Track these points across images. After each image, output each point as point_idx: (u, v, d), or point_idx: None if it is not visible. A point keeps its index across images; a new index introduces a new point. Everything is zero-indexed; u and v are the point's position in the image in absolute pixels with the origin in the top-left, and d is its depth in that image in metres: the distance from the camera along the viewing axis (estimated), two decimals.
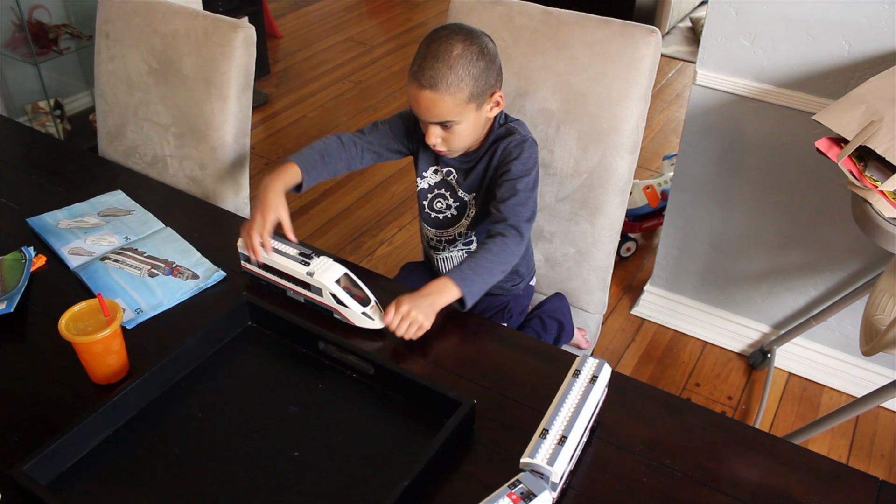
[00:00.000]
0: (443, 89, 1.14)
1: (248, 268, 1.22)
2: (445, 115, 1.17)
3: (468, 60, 1.15)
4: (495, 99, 1.23)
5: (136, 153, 1.64)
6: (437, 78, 1.14)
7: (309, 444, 0.96)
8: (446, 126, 1.20)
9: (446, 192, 1.36)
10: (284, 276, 1.17)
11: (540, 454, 0.85)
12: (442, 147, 1.24)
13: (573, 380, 0.95)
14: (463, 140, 1.24)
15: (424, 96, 1.16)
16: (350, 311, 1.12)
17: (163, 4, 1.54)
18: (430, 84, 1.14)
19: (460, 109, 1.18)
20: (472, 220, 1.36)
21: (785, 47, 1.68)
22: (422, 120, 1.21)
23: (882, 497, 0.90)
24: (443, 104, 1.16)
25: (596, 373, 0.96)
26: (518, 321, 1.44)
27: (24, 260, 1.24)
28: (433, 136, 1.22)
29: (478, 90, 1.18)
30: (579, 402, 0.92)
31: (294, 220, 1.25)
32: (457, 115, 1.18)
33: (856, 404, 1.53)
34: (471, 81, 1.16)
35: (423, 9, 4.62)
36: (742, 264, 2.04)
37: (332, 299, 1.12)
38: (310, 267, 1.13)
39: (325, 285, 1.11)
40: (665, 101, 3.55)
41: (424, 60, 1.15)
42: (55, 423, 0.97)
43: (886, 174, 1.26)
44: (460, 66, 1.14)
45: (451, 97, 1.15)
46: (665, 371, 2.10)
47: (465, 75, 1.15)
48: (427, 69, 1.15)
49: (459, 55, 1.14)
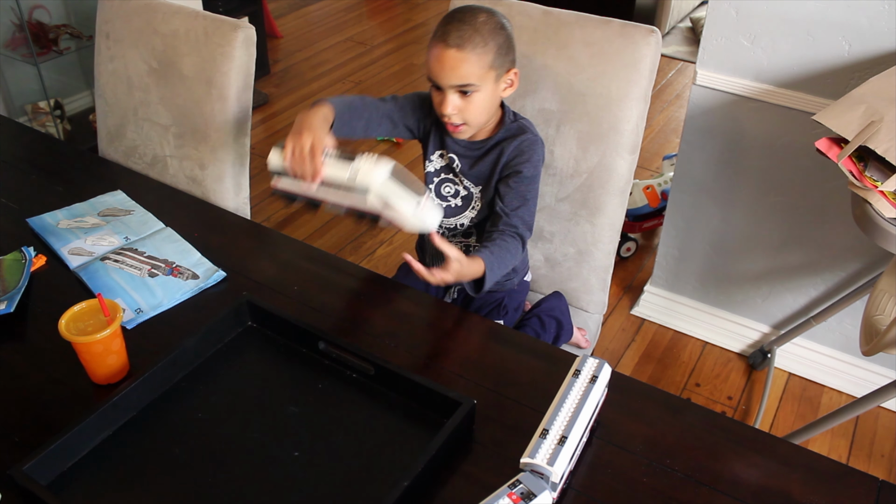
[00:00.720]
0: (468, 49, 1.16)
1: (281, 186, 1.14)
2: (468, 76, 1.17)
3: (492, 28, 1.18)
4: (510, 76, 1.24)
5: (136, 153, 1.64)
6: (464, 38, 1.15)
7: (309, 444, 0.96)
8: (465, 93, 1.19)
9: (453, 177, 1.35)
10: (323, 185, 1.08)
11: (540, 454, 0.85)
12: (457, 119, 1.22)
13: (573, 380, 0.95)
14: (478, 114, 1.22)
15: (449, 55, 1.16)
16: (401, 213, 1.04)
17: (163, 4, 1.54)
18: (456, 43, 1.15)
19: (482, 74, 1.18)
20: (476, 213, 1.36)
21: (785, 47, 1.68)
22: (441, 85, 1.19)
23: (882, 497, 0.90)
24: (467, 65, 1.16)
25: (596, 373, 0.96)
26: (514, 317, 1.44)
27: (24, 260, 1.24)
28: (450, 105, 1.20)
29: (499, 59, 1.19)
30: (579, 402, 0.92)
31: (294, 220, 1.25)
32: (479, 79, 1.18)
33: (856, 404, 1.53)
34: (494, 47, 1.18)
35: (423, 9, 4.62)
36: (742, 264, 2.04)
37: (380, 202, 1.03)
38: (353, 165, 1.04)
39: (373, 184, 1.02)
40: (665, 101, 3.55)
41: (450, 24, 1.17)
42: (55, 423, 0.97)
43: (886, 174, 1.26)
44: (486, 30, 1.17)
45: (476, 58, 1.16)
46: (665, 371, 2.10)
47: (489, 40, 1.17)
48: (453, 30, 1.16)
49: (484, 22, 1.17)
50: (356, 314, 1.17)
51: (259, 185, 2.87)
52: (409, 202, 1.04)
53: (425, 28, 4.35)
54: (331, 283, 1.25)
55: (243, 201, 1.59)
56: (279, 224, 2.65)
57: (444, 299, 1.47)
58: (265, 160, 1.15)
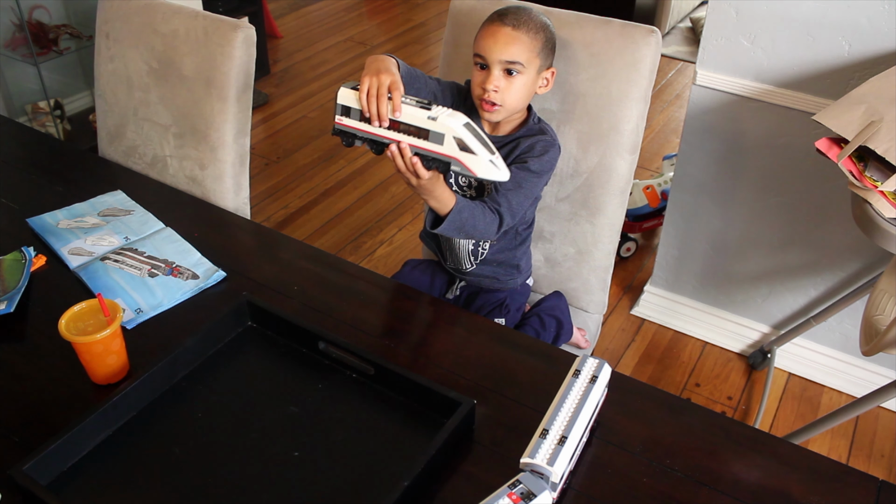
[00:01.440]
0: (524, 30, 1.20)
1: (344, 122, 1.14)
2: (518, 55, 1.20)
3: (543, 23, 1.24)
4: (548, 74, 1.27)
5: (136, 153, 1.64)
6: (520, 20, 1.21)
7: (309, 444, 0.96)
8: (510, 73, 1.21)
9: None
10: (393, 126, 1.08)
11: (540, 454, 0.85)
12: (495, 98, 1.22)
13: (573, 380, 0.95)
14: (516, 98, 1.24)
15: (504, 32, 1.20)
16: (476, 158, 1.04)
17: (163, 4, 1.54)
18: (513, 22, 1.20)
19: (530, 57, 1.21)
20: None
21: (785, 47, 1.68)
22: (489, 60, 1.21)
23: (882, 497, 0.90)
24: (520, 43, 1.20)
25: (596, 373, 0.96)
26: (515, 318, 1.44)
27: (24, 260, 1.24)
28: (493, 80, 1.21)
29: (545, 51, 1.24)
30: (579, 402, 0.92)
31: (294, 220, 1.25)
32: (527, 61, 1.21)
33: (856, 404, 1.53)
34: (544, 37, 1.23)
35: (423, 9, 4.62)
36: (742, 264, 2.04)
37: (456, 147, 1.04)
38: (431, 112, 1.06)
39: (452, 128, 1.04)
40: (665, 101, 3.55)
41: (507, 10, 1.22)
42: (55, 423, 0.97)
43: (886, 174, 1.26)
44: (539, 21, 1.23)
45: (529, 39, 1.20)
46: (665, 371, 2.10)
47: (541, 30, 1.23)
48: (511, 13, 1.21)
49: (538, 14, 1.24)
50: (356, 314, 1.17)
51: (259, 185, 2.87)
52: (484, 153, 1.05)
53: (425, 28, 4.35)
54: (331, 283, 1.25)
55: (243, 201, 1.59)
56: (279, 224, 2.66)
57: (447, 296, 1.47)
58: (265, 160, 1.15)
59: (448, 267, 1.45)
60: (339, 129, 1.15)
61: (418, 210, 2.75)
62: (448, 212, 1.17)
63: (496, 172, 1.07)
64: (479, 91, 1.24)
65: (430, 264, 1.51)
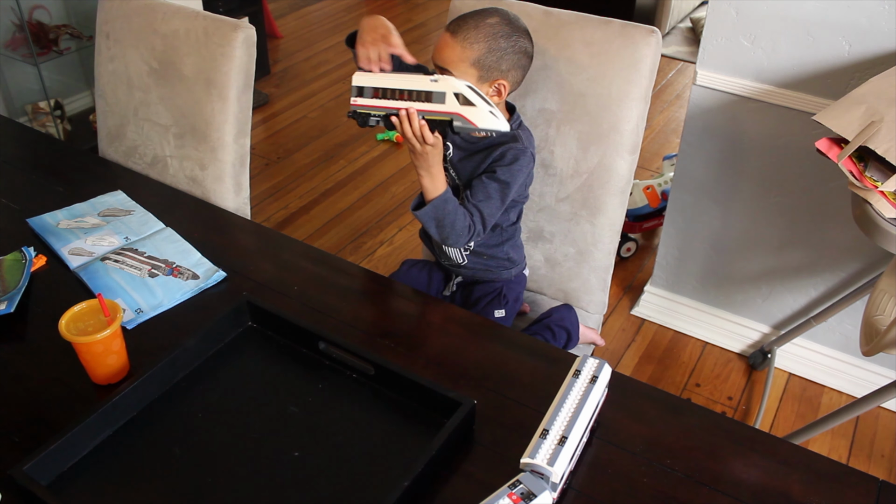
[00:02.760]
0: (460, 37, 1.20)
1: (359, 102, 1.22)
2: (446, 61, 1.21)
3: (494, 32, 1.21)
4: (496, 85, 1.24)
5: (136, 153, 1.64)
6: (460, 27, 1.20)
7: (309, 444, 0.96)
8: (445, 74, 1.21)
9: (447, 163, 1.35)
10: (400, 97, 1.18)
11: (540, 454, 0.85)
12: None
13: (573, 380, 0.95)
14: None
15: (443, 38, 1.22)
16: (476, 110, 1.14)
17: (163, 4, 1.54)
18: (452, 29, 1.21)
19: (462, 67, 1.21)
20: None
21: (785, 47, 1.68)
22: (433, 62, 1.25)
23: (882, 497, 0.90)
24: (450, 51, 1.21)
25: (596, 373, 0.96)
26: (514, 308, 1.44)
27: (24, 260, 1.24)
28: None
29: (486, 61, 1.21)
30: (579, 402, 0.92)
31: (294, 221, 1.25)
32: (455, 68, 1.21)
33: (856, 404, 1.53)
34: (484, 48, 1.20)
35: (424, 9, 4.62)
36: (742, 264, 2.04)
37: (456, 102, 1.14)
38: (433, 77, 1.17)
39: (452, 84, 1.14)
40: (665, 101, 3.55)
41: (461, 16, 1.23)
42: (55, 423, 0.97)
43: (886, 174, 1.26)
44: (485, 30, 1.20)
45: (460, 49, 1.20)
46: (665, 371, 2.10)
47: (482, 39, 1.20)
48: (459, 19, 1.22)
49: (491, 24, 1.21)
50: (356, 314, 1.17)
51: (259, 185, 2.87)
52: (484, 105, 1.15)
53: (425, 28, 4.35)
54: (331, 283, 1.25)
55: (243, 201, 1.59)
56: (279, 224, 2.66)
57: (444, 293, 1.47)
58: (265, 160, 1.17)
59: (443, 263, 1.45)
60: (353, 110, 1.24)
61: None
62: (435, 196, 1.20)
63: (496, 122, 1.16)
64: None
65: (427, 263, 1.51)
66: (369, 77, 1.21)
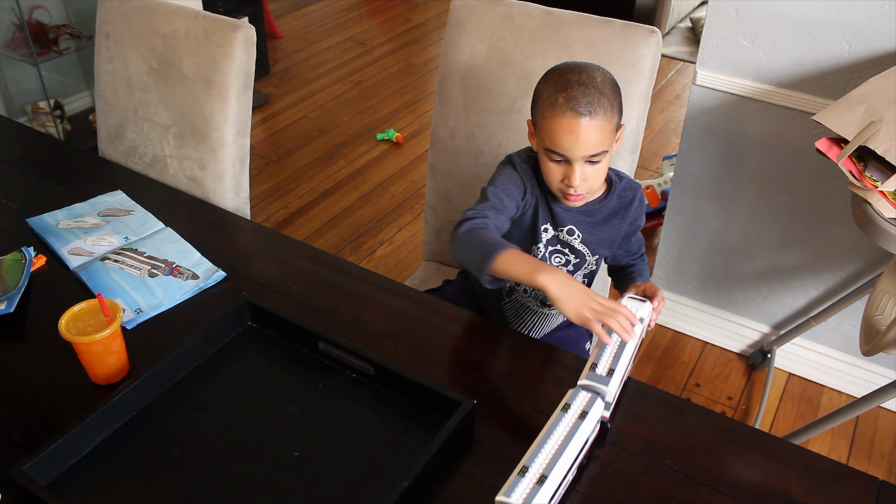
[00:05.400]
0: (601, 114, 1.06)
1: (588, 381, 0.98)
2: (601, 144, 1.08)
3: (612, 86, 1.09)
4: (621, 132, 1.15)
5: (136, 153, 1.64)
6: (594, 104, 1.05)
7: (309, 444, 0.96)
8: (593, 162, 1.10)
9: (564, 248, 1.26)
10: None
11: (516, 493, 0.81)
12: (583, 190, 1.13)
13: (561, 414, 0.90)
14: (601, 180, 1.16)
15: (583, 125, 1.05)
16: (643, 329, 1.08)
17: (163, 4, 1.54)
18: (589, 110, 1.05)
19: (611, 139, 1.10)
20: (591, 271, 1.31)
21: (785, 47, 1.68)
22: (572, 158, 1.09)
23: (882, 497, 0.90)
24: (601, 131, 1.07)
25: (587, 408, 0.91)
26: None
27: (24, 260, 1.24)
28: (579, 177, 1.10)
29: (619, 118, 1.11)
30: (565, 439, 0.87)
31: (294, 220, 1.25)
32: (609, 144, 1.10)
33: (856, 404, 1.53)
34: (618, 108, 1.10)
35: (423, 9, 4.62)
36: (742, 264, 2.04)
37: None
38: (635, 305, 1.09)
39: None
40: (665, 101, 3.55)
41: (573, 88, 1.06)
42: (55, 423, 0.97)
43: (886, 174, 1.26)
44: (608, 90, 1.08)
45: (607, 122, 1.07)
46: (665, 371, 2.10)
47: (613, 100, 1.08)
48: (582, 97, 1.05)
49: (603, 81, 1.08)
50: (356, 314, 1.17)
51: (259, 185, 2.87)
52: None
53: (425, 28, 4.35)
54: (331, 283, 1.25)
55: (243, 201, 1.59)
56: (279, 224, 2.66)
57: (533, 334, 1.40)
58: (265, 160, 1.16)
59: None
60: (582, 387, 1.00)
61: (419, 210, 2.75)
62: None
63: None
64: (560, 185, 1.14)
65: (469, 292, 1.44)
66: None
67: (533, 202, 1.21)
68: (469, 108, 1.48)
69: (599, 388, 0.94)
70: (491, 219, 1.13)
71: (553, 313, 1.35)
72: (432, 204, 1.61)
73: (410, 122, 3.34)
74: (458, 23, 1.45)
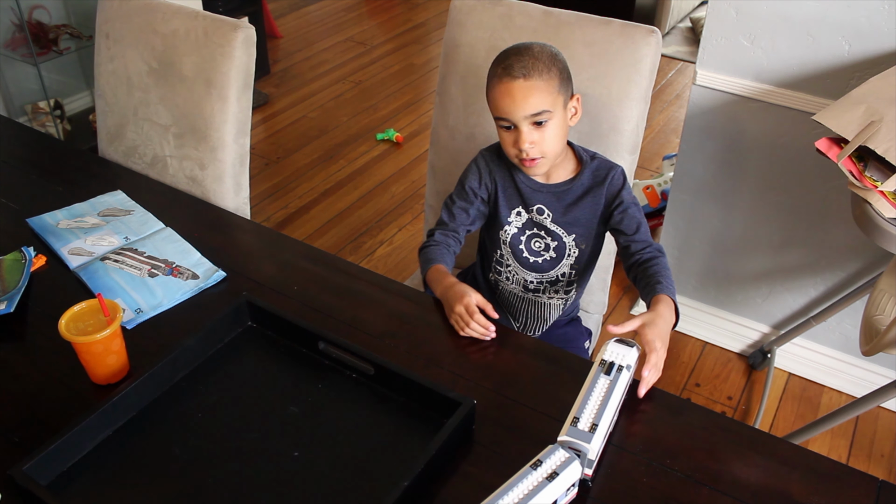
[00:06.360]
0: (535, 76, 1.14)
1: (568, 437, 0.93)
2: (541, 104, 1.14)
3: (549, 55, 1.16)
4: (574, 103, 1.21)
5: (136, 153, 1.64)
6: (528, 67, 1.14)
7: (309, 444, 0.96)
8: (539, 124, 1.16)
9: (540, 230, 1.30)
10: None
11: None
12: (535, 153, 1.18)
13: (529, 470, 0.83)
14: (554, 143, 1.19)
15: (517, 86, 1.14)
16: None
17: (163, 4, 1.54)
18: (522, 73, 1.14)
19: (553, 99, 1.16)
20: (575, 259, 1.31)
21: (785, 47, 1.68)
22: (514, 120, 1.16)
23: (882, 497, 0.90)
24: (538, 91, 1.14)
25: (559, 469, 0.83)
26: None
27: (24, 260, 1.24)
28: (527, 139, 1.16)
29: (563, 84, 1.17)
30: (523, 499, 0.80)
31: (294, 220, 1.25)
32: (551, 104, 1.15)
33: (856, 404, 1.53)
34: (557, 72, 1.16)
35: (423, 9, 4.62)
36: (742, 264, 2.04)
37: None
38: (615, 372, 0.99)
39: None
40: (665, 101, 3.55)
41: (508, 58, 1.16)
42: (55, 423, 0.97)
43: (886, 174, 1.26)
44: (545, 57, 1.15)
45: (544, 83, 1.14)
46: (665, 371, 2.08)
47: (551, 65, 1.15)
48: (516, 63, 1.14)
49: (541, 50, 1.16)
50: (356, 314, 1.17)
51: (259, 185, 2.87)
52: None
53: (425, 28, 4.35)
54: (331, 283, 1.25)
55: (243, 201, 1.59)
56: (279, 224, 2.65)
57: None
58: (265, 160, 1.16)
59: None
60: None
61: (419, 210, 2.75)
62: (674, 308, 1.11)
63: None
64: (514, 151, 1.20)
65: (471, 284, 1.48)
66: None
67: (492, 186, 1.29)
68: (469, 107, 1.48)
69: (581, 446, 0.88)
70: (439, 236, 1.28)
71: (543, 298, 1.37)
72: (432, 204, 1.61)
73: (410, 122, 3.34)
74: (458, 23, 1.45)
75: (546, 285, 1.35)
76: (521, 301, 1.38)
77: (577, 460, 0.86)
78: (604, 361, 0.98)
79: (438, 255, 1.25)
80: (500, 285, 1.38)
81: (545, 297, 1.37)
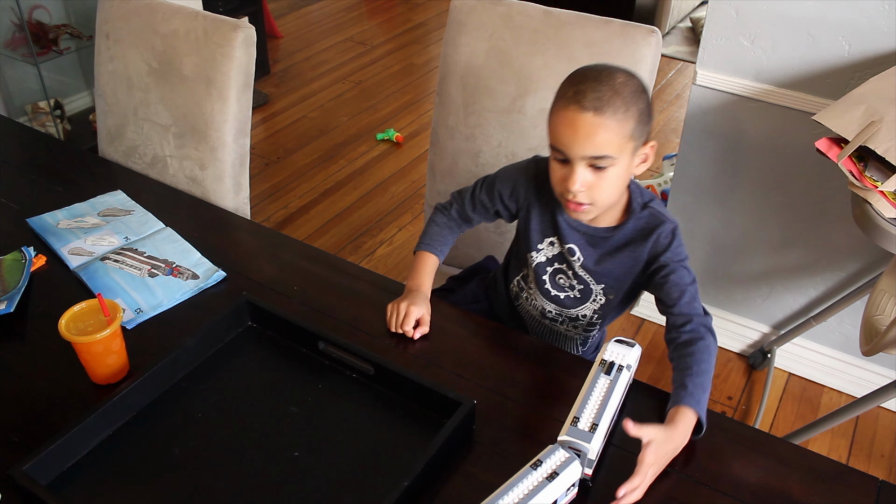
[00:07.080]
0: (609, 114, 0.97)
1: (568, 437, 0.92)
2: (606, 146, 0.98)
3: (634, 90, 0.99)
4: (646, 150, 1.05)
5: (136, 153, 1.64)
6: (602, 101, 0.97)
7: (309, 444, 0.96)
8: (599, 167, 1.00)
9: (567, 269, 1.17)
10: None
11: None
12: (584, 198, 1.03)
13: (529, 470, 0.83)
14: (609, 193, 1.04)
15: (585, 120, 0.97)
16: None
17: (163, 4, 1.54)
18: (594, 107, 0.96)
19: (621, 144, 0.99)
20: (600, 306, 1.19)
21: (785, 47, 1.68)
22: (570, 156, 1.00)
23: (882, 497, 0.90)
24: (606, 133, 0.97)
25: (559, 469, 0.83)
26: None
27: (24, 260, 1.24)
28: (579, 180, 1.00)
29: (639, 128, 1.00)
30: (523, 498, 0.80)
31: (294, 220, 1.25)
32: (617, 150, 0.99)
33: (856, 404, 1.53)
34: (636, 113, 0.99)
35: (423, 9, 4.62)
36: (742, 264, 2.04)
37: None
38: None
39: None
40: (665, 101, 3.55)
41: (583, 84, 0.98)
42: (55, 423, 0.97)
43: (886, 174, 1.26)
44: (627, 92, 0.98)
45: (616, 125, 0.97)
46: (665, 371, 2.10)
47: (631, 104, 0.98)
48: (589, 91, 0.97)
49: (624, 83, 0.99)
50: (356, 314, 1.17)
51: (259, 185, 2.87)
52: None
53: (425, 28, 4.35)
54: (331, 283, 1.25)
55: (243, 201, 1.59)
56: (279, 224, 2.65)
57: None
58: (265, 160, 1.16)
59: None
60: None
61: (419, 210, 2.75)
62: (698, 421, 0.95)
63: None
64: (561, 189, 1.05)
65: (483, 285, 1.41)
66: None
67: (525, 204, 1.18)
68: (469, 107, 1.48)
69: (581, 446, 0.87)
70: (454, 213, 1.27)
71: (561, 329, 1.27)
72: (432, 204, 1.61)
73: (410, 122, 3.34)
74: (458, 23, 1.45)
75: (565, 320, 1.24)
76: (537, 324, 1.29)
77: (577, 460, 0.86)
78: (604, 361, 0.98)
79: (439, 241, 1.24)
80: (520, 301, 1.29)
81: (562, 328, 1.27)
